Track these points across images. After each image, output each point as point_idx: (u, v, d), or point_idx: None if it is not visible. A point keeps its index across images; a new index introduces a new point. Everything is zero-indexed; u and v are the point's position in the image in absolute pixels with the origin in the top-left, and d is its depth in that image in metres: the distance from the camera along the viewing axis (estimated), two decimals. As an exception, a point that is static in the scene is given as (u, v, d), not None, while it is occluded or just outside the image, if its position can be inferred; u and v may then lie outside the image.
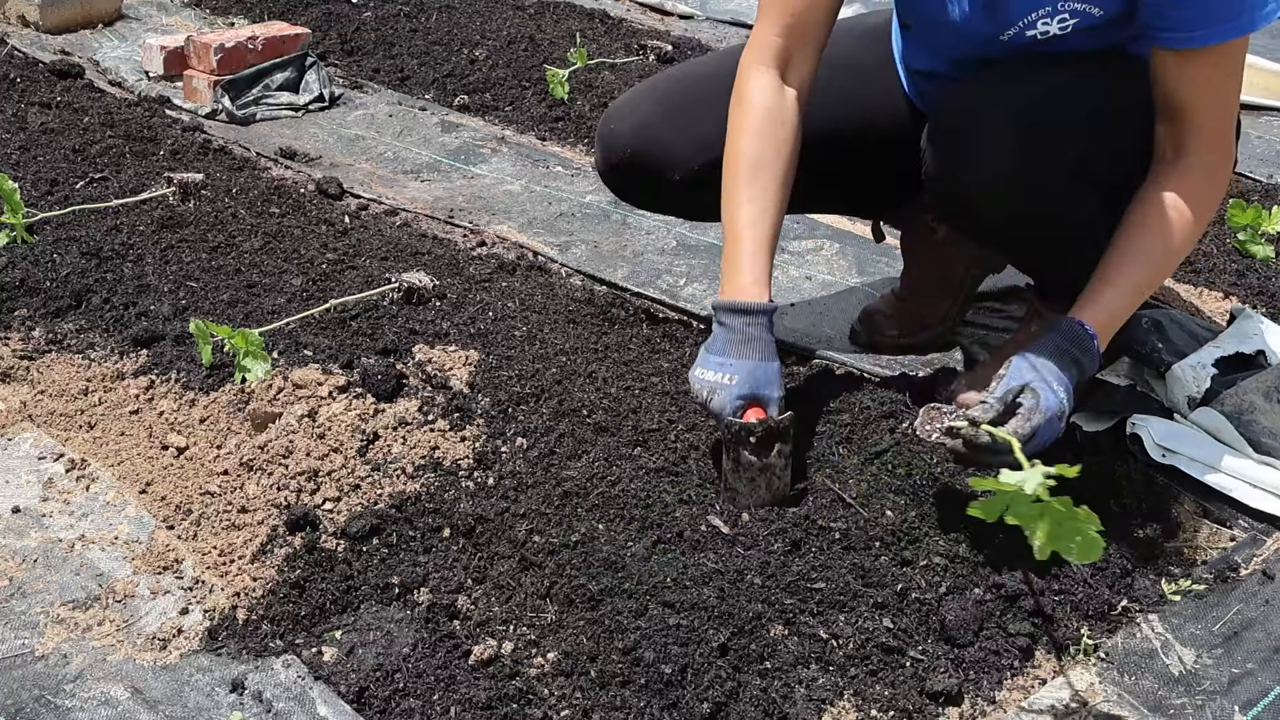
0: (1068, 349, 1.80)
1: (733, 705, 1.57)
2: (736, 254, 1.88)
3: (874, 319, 2.49)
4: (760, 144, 1.91)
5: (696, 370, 1.86)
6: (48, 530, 1.90)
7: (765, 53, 1.95)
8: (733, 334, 1.82)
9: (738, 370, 1.80)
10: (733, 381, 1.80)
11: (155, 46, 4.01)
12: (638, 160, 2.20)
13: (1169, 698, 1.65)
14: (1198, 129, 1.83)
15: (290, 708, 1.55)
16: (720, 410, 1.81)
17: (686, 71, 2.30)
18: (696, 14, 4.87)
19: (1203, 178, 1.86)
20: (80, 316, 2.41)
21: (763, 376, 1.81)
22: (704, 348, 1.88)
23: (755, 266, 1.86)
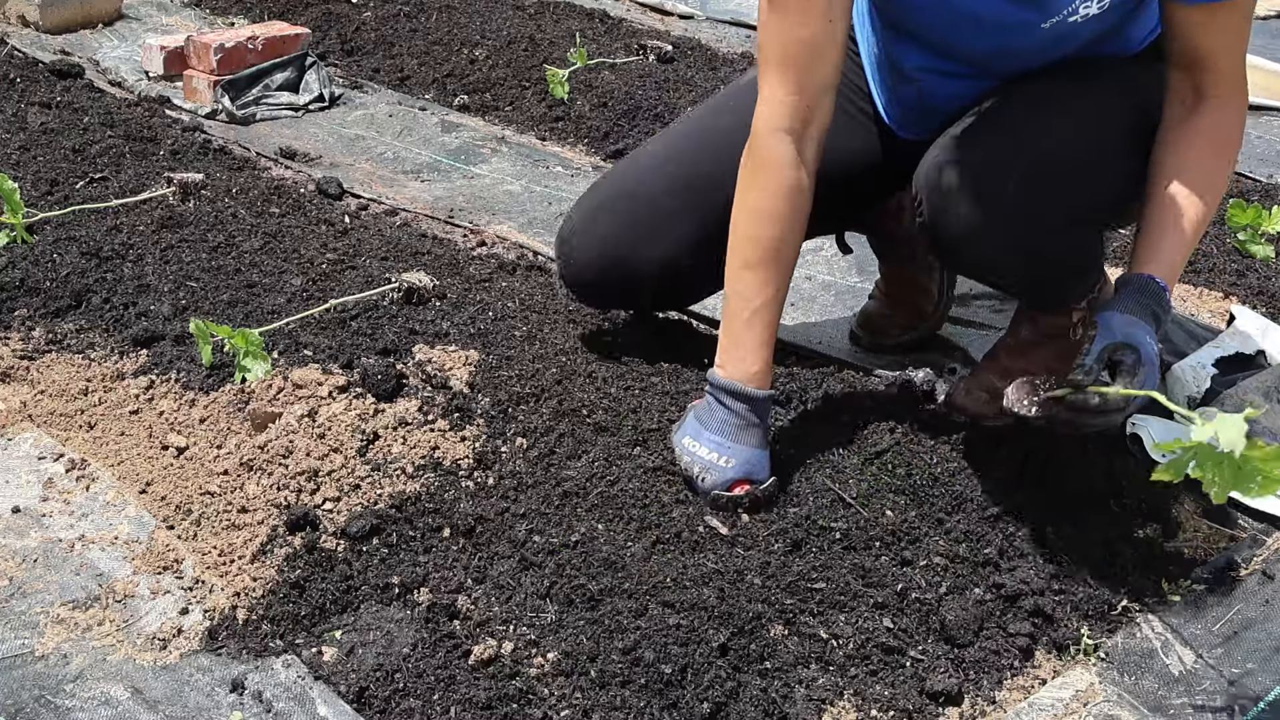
0: (1147, 303, 1.77)
1: (733, 705, 1.57)
2: (747, 338, 1.86)
3: (874, 321, 2.49)
4: (781, 226, 1.85)
5: (687, 441, 1.87)
6: (48, 530, 1.90)
7: (782, 117, 1.83)
8: (733, 418, 1.84)
9: (735, 455, 1.83)
10: (729, 465, 1.83)
11: (155, 46, 4.01)
12: (604, 285, 2.20)
13: (1169, 698, 1.65)
14: (1217, 72, 1.84)
15: (290, 708, 1.55)
16: (710, 489, 1.84)
17: (636, 179, 2.21)
18: (696, 14, 4.87)
19: (1229, 114, 1.86)
20: (80, 316, 2.41)
21: (756, 463, 1.85)
22: (696, 418, 1.88)
23: (764, 354, 1.86)
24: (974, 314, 2.61)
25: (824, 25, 1.80)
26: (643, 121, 3.64)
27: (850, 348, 2.49)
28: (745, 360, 1.86)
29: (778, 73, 1.83)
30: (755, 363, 1.86)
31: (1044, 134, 1.86)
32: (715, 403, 1.86)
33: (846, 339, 2.53)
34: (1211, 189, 1.85)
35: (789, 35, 1.81)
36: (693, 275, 2.20)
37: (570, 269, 2.21)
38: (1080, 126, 1.88)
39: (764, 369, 1.86)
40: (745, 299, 1.86)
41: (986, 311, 2.63)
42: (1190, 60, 1.85)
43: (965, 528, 1.84)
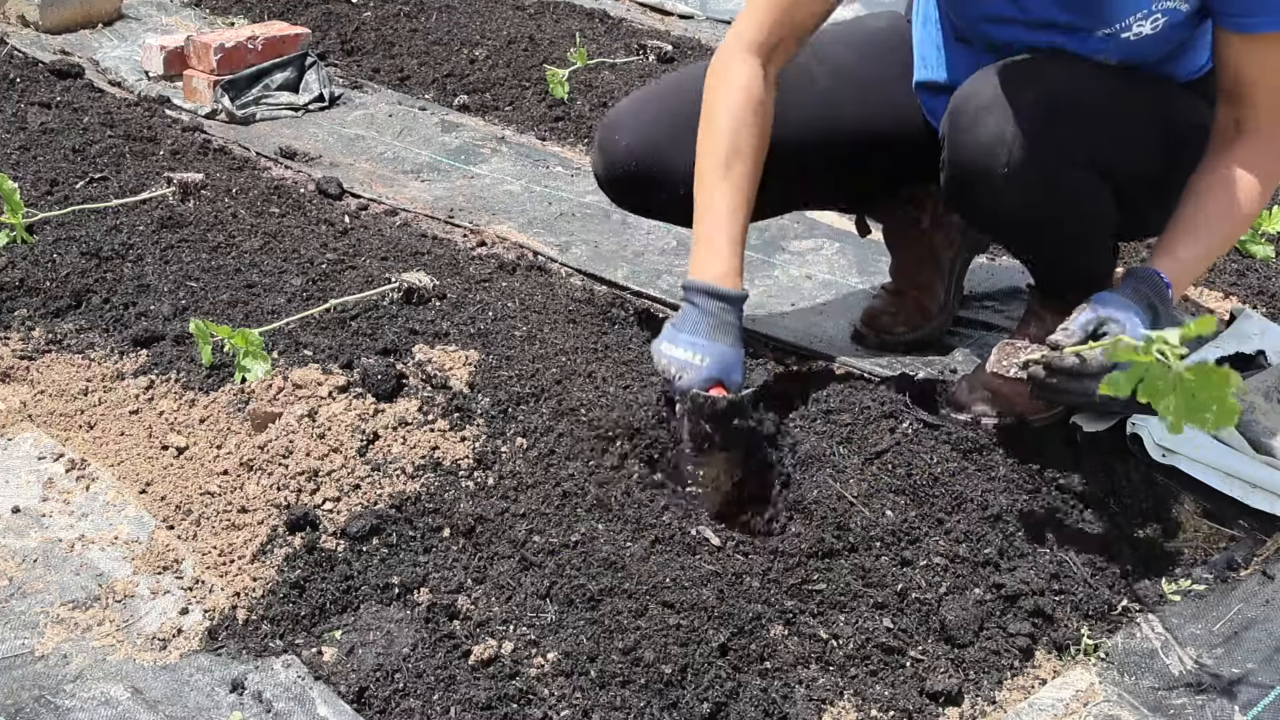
0: (1145, 293, 1.81)
1: (733, 705, 1.57)
2: (716, 240, 1.91)
3: (879, 319, 2.49)
4: (741, 132, 1.92)
5: (664, 345, 1.90)
6: (48, 530, 1.90)
7: (751, 42, 1.96)
8: (707, 317, 1.87)
9: (709, 352, 1.85)
10: (703, 363, 1.85)
11: (155, 46, 4.01)
12: (641, 171, 2.19)
13: (1169, 698, 1.65)
14: (1259, 106, 1.90)
15: (290, 708, 1.55)
16: (688, 387, 1.85)
17: (689, 79, 2.25)
18: (696, 14, 4.87)
19: (1267, 149, 1.92)
20: (80, 316, 2.41)
21: (731, 361, 1.88)
22: (672, 324, 1.91)
23: (734, 255, 1.90)
24: (974, 314, 2.61)
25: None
26: (643, 121, 3.64)
27: (852, 347, 2.49)
28: (716, 261, 1.89)
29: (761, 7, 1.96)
30: (725, 262, 1.89)
31: (1070, 79, 1.91)
32: (688, 305, 1.89)
33: (847, 339, 2.52)
34: (1235, 215, 1.90)
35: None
36: None
37: (610, 157, 2.21)
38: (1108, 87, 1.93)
39: (734, 269, 1.90)
40: (712, 204, 1.91)
41: (987, 312, 2.63)
42: (1232, 90, 1.91)
43: (965, 528, 1.84)
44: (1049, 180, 1.89)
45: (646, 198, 2.27)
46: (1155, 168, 1.98)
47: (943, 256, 2.45)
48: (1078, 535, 1.87)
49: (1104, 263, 2.11)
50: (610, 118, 2.26)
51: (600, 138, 2.25)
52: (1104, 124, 1.91)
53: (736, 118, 1.93)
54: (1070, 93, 1.89)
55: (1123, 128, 1.93)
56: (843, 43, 2.30)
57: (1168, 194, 2.05)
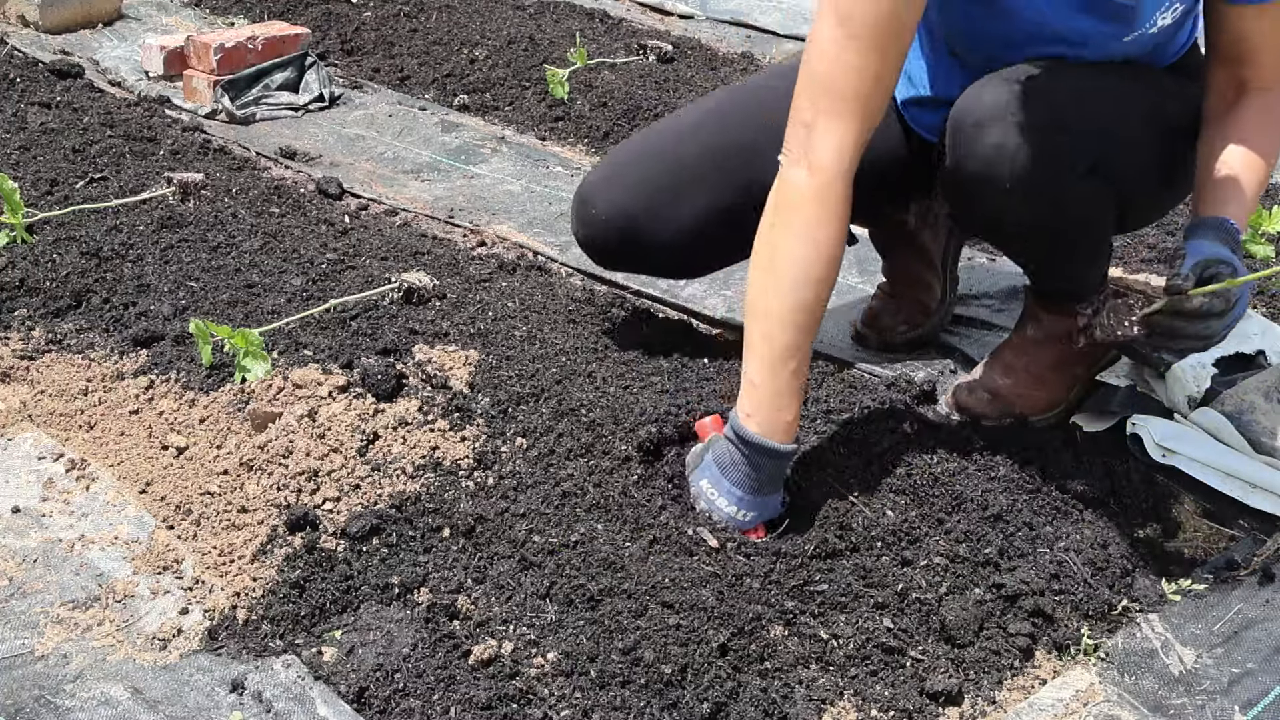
0: (1225, 238, 1.80)
1: (733, 705, 1.57)
2: (776, 392, 1.78)
3: (879, 320, 2.49)
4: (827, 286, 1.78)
5: (705, 486, 1.83)
6: (48, 530, 1.90)
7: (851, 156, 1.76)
8: (760, 474, 1.80)
9: (754, 508, 1.82)
10: (747, 518, 1.82)
11: (155, 46, 4.01)
12: (620, 241, 2.17)
13: (1169, 698, 1.65)
14: (1261, 66, 1.90)
15: (290, 708, 1.55)
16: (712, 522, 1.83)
17: (663, 143, 2.20)
18: (696, 14, 4.86)
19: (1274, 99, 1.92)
20: (80, 316, 2.41)
21: (772, 509, 1.85)
22: (717, 464, 1.82)
23: (795, 407, 1.81)
24: (974, 314, 2.61)
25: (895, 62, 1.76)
26: (643, 121, 3.64)
27: (852, 347, 2.49)
28: (777, 414, 1.79)
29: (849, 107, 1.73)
30: (789, 412, 1.80)
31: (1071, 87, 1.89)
32: (739, 454, 1.80)
33: (847, 339, 2.52)
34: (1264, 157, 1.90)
35: (864, 70, 1.72)
36: (710, 246, 2.18)
37: (587, 227, 2.20)
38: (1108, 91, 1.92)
39: (793, 423, 1.81)
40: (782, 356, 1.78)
41: (987, 312, 2.63)
42: (1235, 55, 1.90)
43: (965, 528, 1.84)
44: (1054, 191, 1.88)
45: (627, 263, 2.27)
46: (1155, 163, 1.98)
47: (933, 251, 2.45)
48: (1078, 535, 1.88)
49: (1102, 261, 2.11)
50: (584, 188, 2.20)
51: (576, 207, 2.21)
52: (1106, 130, 1.90)
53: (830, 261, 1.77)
54: (1072, 101, 1.88)
55: (1124, 130, 1.93)
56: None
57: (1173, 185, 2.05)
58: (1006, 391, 2.09)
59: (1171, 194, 2.16)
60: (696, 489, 1.86)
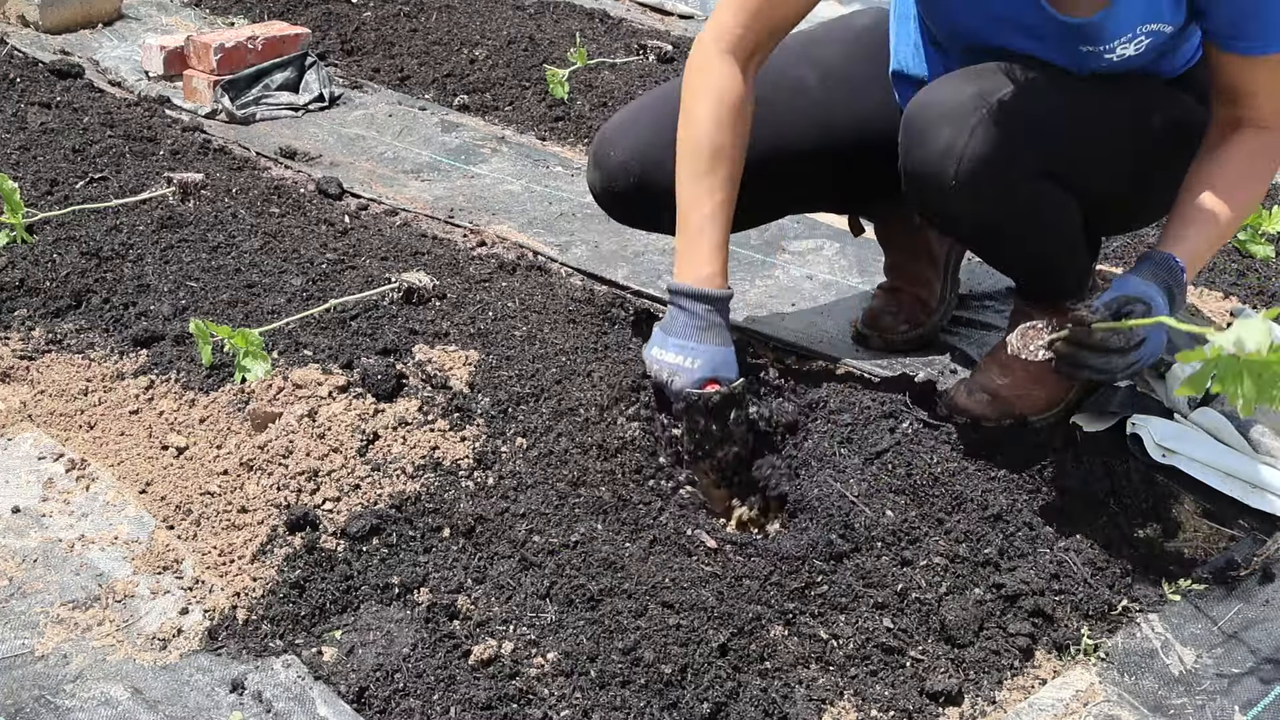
0: (1162, 275, 1.82)
1: (733, 705, 1.57)
2: (700, 243, 1.92)
3: (880, 319, 2.49)
4: (722, 134, 1.93)
5: (654, 350, 1.92)
6: (48, 530, 1.90)
7: (729, 40, 1.96)
8: (695, 319, 1.89)
9: (699, 354, 1.88)
10: (695, 365, 1.87)
11: (155, 46, 4.01)
12: (638, 185, 2.16)
13: (1169, 698, 1.65)
14: (1262, 108, 1.91)
15: (290, 708, 1.55)
16: (681, 388, 1.87)
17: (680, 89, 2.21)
18: (696, 14, 4.87)
19: (1269, 138, 1.93)
20: (80, 316, 2.41)
21: (722, 360, 1.90)
22: (660, 328, 1.93)
23: (718, 257, 1.92)
24: (974, 314, 2.61)
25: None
26: (643, 121, 3.64)
27: (852, 347, 2.49)
28: (700, 263, 1.91)
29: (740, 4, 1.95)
30: (709, 264, 1.91)
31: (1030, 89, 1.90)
32: (675, 309, 1.91)
33: (848, 339, 2.52)
34: (1240, 201, 1.91)
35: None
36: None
37: (604, 169, 2.19)
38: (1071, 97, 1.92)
39: (718, 270, 1.91)
40: (697, 205, 1.92)
41: (987, 312, 2.63)
42: (1231, 96, 1.91)
43: (965, 528, 1.85)
44: (1000, 192, 1.89)
45: (645, 212, 2.23)
46: (1126, 173, 1.97)
47: (937, 251, 2.45)
48: (1078, 535, 1.88)
49: (1078, 266, 2.11)
50: (603, 132, 2.23)
51: (594, 152, 2.22)
52: (1064, 135, 1.90)
53: (716, 120, 1.93)
54: (1028, 104, 1.88)
55: (1087, 137, 1.92)
56: (832, 43, 2.29)
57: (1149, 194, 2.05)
58: (1005, 392, 2.09)
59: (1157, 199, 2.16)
60: (647, 358, 1.94)
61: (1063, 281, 2.10)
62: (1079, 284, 2.12)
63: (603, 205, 2.27)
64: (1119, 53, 1.91)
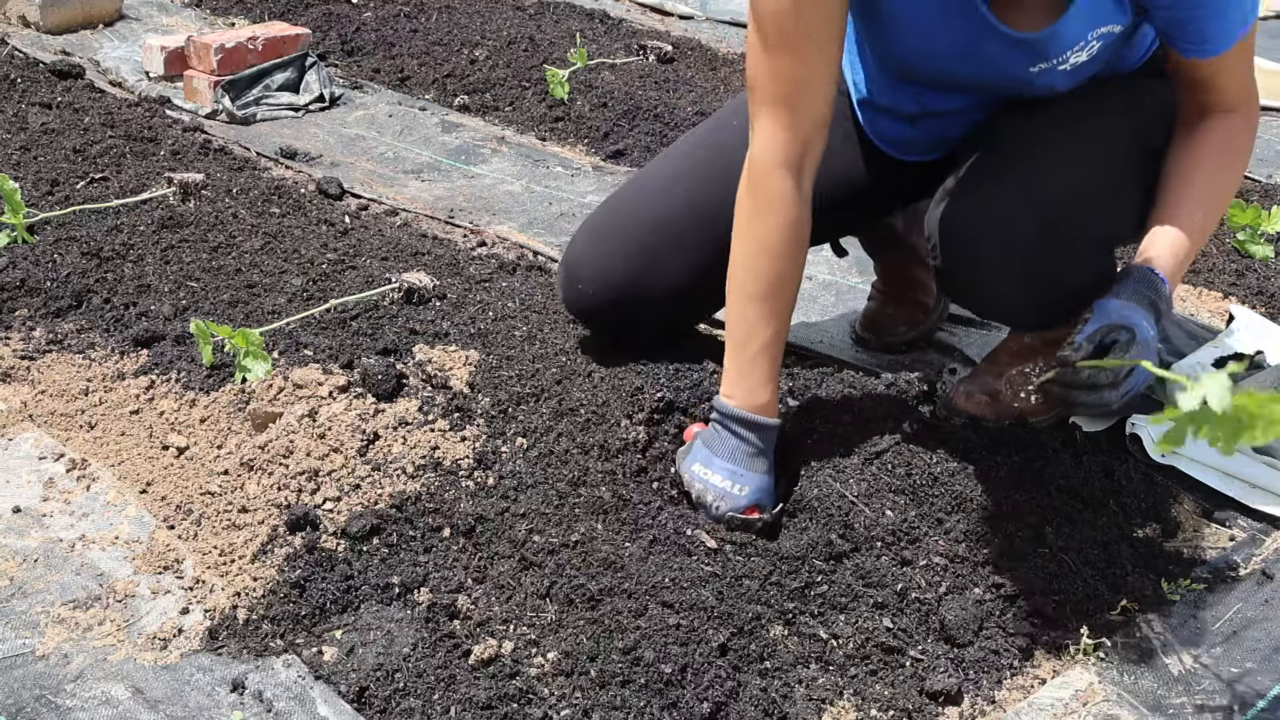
0: (1144, 292, 1.79)
1: (733, 705, 1.57)
2: (754, 372, 1.87)
3: (879, 322, 2.49)
4: (784, 260, 1.86)
5: (698, 469, 1.88)
6: (48, 530, 1.90)
7: (779, 150, 1.83)
8: (744, 446, 1.86)
9: (748, 483, 1.85)
10: (742, 492, 1.84)
11: (155, 47, 4.02)
12: (613, 312, 2.15)
13: (1169, 698, 1.65)
14: (1221, 92, 1.89)
15: (290, 707, 1.55)
16: (724, 514, 1.84)
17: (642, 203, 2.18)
18: (696, 14, 4.87)
19: (1235, 124, 1.90)
20: (80, 316, 2.42)
21: (766, 489, 1.87)
22: (705, 444, 1.89)
23: (771, 387, 1.88)
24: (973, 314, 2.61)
25: (813, 64, 1.79)
26: (643, 121, 3.64)
27: (852, 348, 2.49)
28: (754, 393, 1.87)
29: (771, 110, 1.82)
30: (763, 395, 1.87)
31: (1053, 178, 1.87)
32: (726, 431, 1.87)
33: (847, 339, 2.53)
34: (1217, 194, 1.89)
35: (779, 73, 1.80)
36: (702, 299, 2.20)
37: (576, 299, 2.18)
38: (1087, 160, 1.90)
39: (771, 400, 1.88)
40: (751, 333, 1.87)
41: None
42: (1194, 86, 1.89)
43: (965, 528, 1.85)
44: (1055, 283, 1.91)
45: (621, 330, 2.22)
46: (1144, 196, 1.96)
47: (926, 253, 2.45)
48: (1078, 535, 1.88)
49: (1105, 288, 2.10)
50: (567, 259, 2.19)
51: (562, 279, 2.20)
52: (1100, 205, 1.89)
53: (774, 245, 1.85)
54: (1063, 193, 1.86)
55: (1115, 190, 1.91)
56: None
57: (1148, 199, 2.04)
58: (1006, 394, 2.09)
59: None
60: (689, 474, 1.89)
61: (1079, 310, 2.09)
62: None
63: (578, 321, 2.27)
64: (1071, 62, 1.88)
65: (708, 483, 1.86)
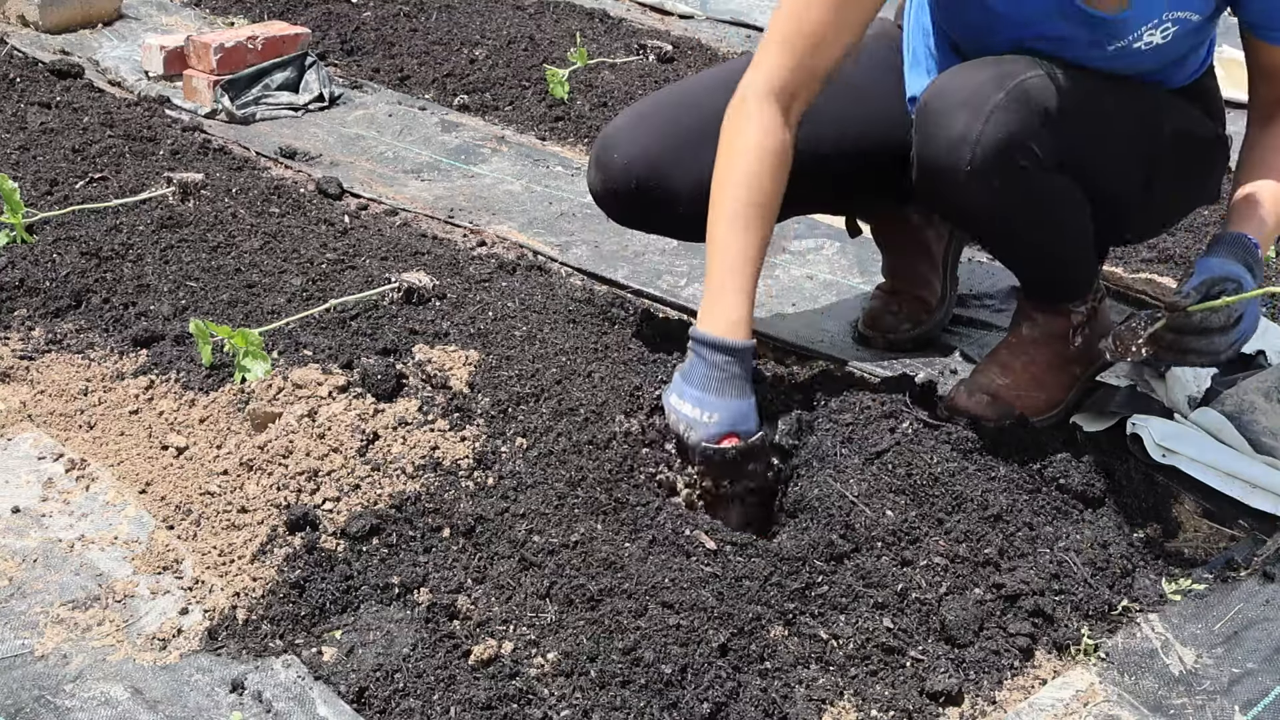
0: (1240, 253, 1.81)
1: (733, 705, 1.57)
2: (724, 291, 1.88)
3: (881, 320, 2.49)
4: (759, 182, 1.88)
5: (672, 398, 1.89)
6: (48, 530, 1.90)
7: (772, 84, 1.90)
8: (714, 370, 1.85)
9: (717, 409, 1.84)
10: (711, 420, 1.84)
11: (155, 46, 4.01)
12: (640, 188, 2.14)
13: (1169, 698, 1.65)
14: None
15: (290, 708, 1.55)
16: (697, 443, 1.84)
17: (688, 94, 2.21)
18: (696, 14, 4.87)
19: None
20: (80, 316, 2.41)
21: (741, 412, 1.86)
22: (680, 375, 1.90)
23: (741, 306, 1.88)
24: (974, 313, 2.61)
25: (839, 26, 1.86)
26: (643, 121, 3.64)
27: (853, 347, 2.49)
28: (725, 309, 1.87)
29: (781, 45, 1.90)
30: (734, 310, 1.87)
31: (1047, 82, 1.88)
32: (695, 358, 1.88)
33: (848, 339, 2.53)
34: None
35: (805, 17, 1.87)
36: None
37: (607, 174, 2.16)
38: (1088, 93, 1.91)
39: (743, 317, 1.87)
40: (725, 252, 1.89)
41: (987, 312, 2.63)
42: (1269, 74, 1.92)
43: (965, 528, 1.84)
44: (1014, 181, 1.88)
45: (645, 215, 2.22)
46: (1137, 176, 1.97)
47: (935, 249, 2.45)
48: (1078, 535, 1.88)
49: (1087, 267, 2.11)
50: (606, 133, 2.19)
51: (596, 153, 2.19)
52: (1080, 129, 1.89)
53: (754, 168, 1.89)
54: (1044, 95, 1.87)
55: (1101, 133, 1.92)
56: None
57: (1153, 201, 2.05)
58: (1005, 393, 2.09)
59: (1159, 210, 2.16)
60: (667, 406, 1.90)
61: (1070, 281, 2.09)
62: (1087, 284, 2.11)
63: (602, 205, 2.25)
64: (1146, 40, 1.90)
65: (679, 413, 1.86)
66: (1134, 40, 1.90)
